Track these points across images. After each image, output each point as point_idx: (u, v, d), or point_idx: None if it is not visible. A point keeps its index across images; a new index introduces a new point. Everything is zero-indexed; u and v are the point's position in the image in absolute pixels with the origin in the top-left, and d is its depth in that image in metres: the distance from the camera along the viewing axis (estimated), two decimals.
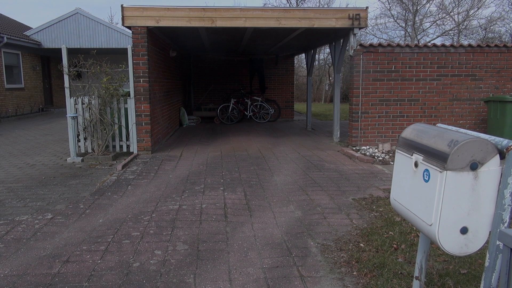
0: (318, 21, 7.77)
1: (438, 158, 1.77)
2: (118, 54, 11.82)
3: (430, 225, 1.81)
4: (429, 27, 30.96)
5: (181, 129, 11.84)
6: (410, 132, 2.11)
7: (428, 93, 8.16)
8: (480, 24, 26.59)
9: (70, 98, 7.11)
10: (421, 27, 27.51)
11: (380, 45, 8.00)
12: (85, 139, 7.32)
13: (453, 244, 1.77)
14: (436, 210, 1.77)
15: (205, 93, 15.00)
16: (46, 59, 18.91)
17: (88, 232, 3.73)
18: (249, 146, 8.61)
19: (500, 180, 1.70)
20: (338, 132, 9.25)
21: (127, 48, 7.53)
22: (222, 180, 5.62)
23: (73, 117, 7.05)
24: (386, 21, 42.97)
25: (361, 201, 4.63)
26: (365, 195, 4.89)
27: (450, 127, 2.08)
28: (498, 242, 1.68)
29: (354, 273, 2.89)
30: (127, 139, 7.62)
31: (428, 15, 27.74)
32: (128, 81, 7.53)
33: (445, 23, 27.34)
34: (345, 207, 4.41)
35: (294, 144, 8.91)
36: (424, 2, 26.27)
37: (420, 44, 8.17)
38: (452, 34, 27.05)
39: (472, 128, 8.17)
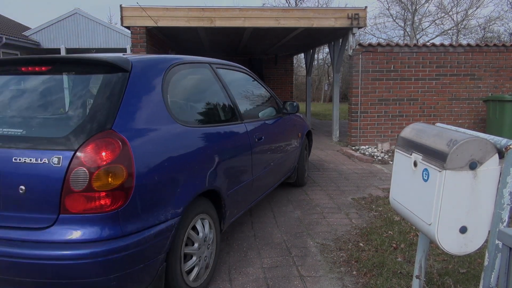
0: (317, 20, 7.78)
1: (437, 157, 1.77)
2: None
3: (430, 224, 1.81)
4: (428, 26, 31.04)
5: None
6: (409, 131, 2.11)
7: (427, 92, 8.17)
8: (479, 23, 26.64)
9: None
10: (420, 27, 27.55)
11: (379, 44, 8.01)
12: None
13: (452, 243, 1.77)
14: (435, 209, 1.77)
15: None
16: None
17: None
18: None
19: (499, 180, 1.70)
20: (338, 132, 9.25)
21: (126, 48, 7.53)
22: None
23: None
24: (385, 20, 43.07)
25: (360, 200, 4.64)
26: (365, 194, 4.90)
27: (449, 126, 2.08)
28: (497, 241, 1.68)
29: (354, 273, 2.89)
30: None
31: (427, 14, 27.81)
32: None
33: (444, 23, 27.45)
34: (344, 207, 4.42)
35: None
36: (423, 1, 26.31)
37: (419, 43, 8.17)
38: (451, 34, 27.10)
39: (471, 128, 8.18)
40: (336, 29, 8.29)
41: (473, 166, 1.70)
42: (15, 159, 1.94)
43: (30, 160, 1.93)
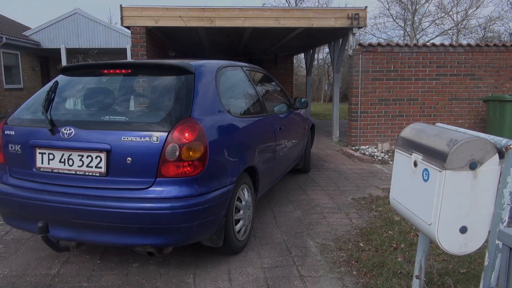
0: (317, 20, 7.78)
1: (437, 157, 1.77)
2: (117, 54, 11.80)
3: (430, 224, 1.81)
4: (428, 26, 31.02)
5: None
6: (409, 131, 2.11)
7: (427, 92, 8.16)
8: (479, 23, 26.63)
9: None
10: (420, 27, 27.54)
11: (379, 44, 8.01)
12: None
13: (452, 243, 1.77)
14: (435, 209, 1.77)
15: None
16: (45, 59, 18.89)
17: None
18: None
19: (499, 180, 1.70)
20: (338, 132, 9.25)
21: (126, 48, 7.52)
22: None
23: None
24: (385, 20, 43.07)
25: (360, 200, 4.63)
26: (365, 194, 4.90)
27: (449, 126, 2.08)
28: (497, 241, 1.68)
29: (354, 273, 2.89)
30: None
31: (427, 14, 27.82)
32: None
33: (444, 23, 27.45)
34: (344, 207, 4.42)
35: None
36: (423, 1, 26.31)
37: (419, 43, 8.17)
38: (451, 34, 27.09)
39: (471, 128, 8.18)
40: (336, 29, 8.29)
41: (473, 166, 1.70)
42: (123, 138, 2.62)
43: (135, 138, 2.60)
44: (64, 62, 7.19)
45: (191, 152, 2.60)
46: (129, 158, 2.60)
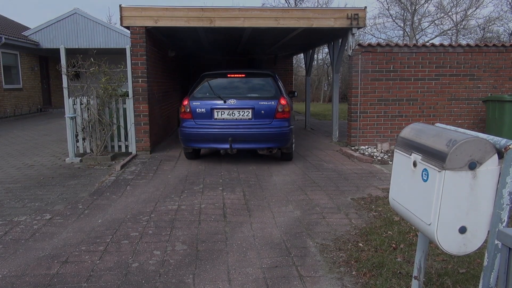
0: (316, 21, 7.77)
1: (437, 157, 1.77)
2: (116, 54, 11.76)
3: (429, 224, 1.81)
4: (428, 27, 31.01)
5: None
6: (409, 131, 2.11)
7: (427, 92, 8.17)
8: (478, 23, 26.65)
9: (69, 98, 7.09)
10: (419, 27, 27.57)
11: (378, 45, 8.01)
12: (83, 139, 7.30)
13: (451, 243, 1.77)
14: (434, 209, 1.77)
15: None
16: (45, 59, 18.88)
17: (87, 232, 3.72)
18: None
19: (499, 180, 1.70)
20: (337, 132, 9.25)
21: (125, 48, 7.52)
22: (221, 180, 5.62)
23: (71, 117, 7.04)
24: (384, 20, 43.09)
25: (360, 200, 4.64)
26: (364, 194, 4.90)
27: (448, 126, 2.08)
28: (496, 242, 1.68)
29: (353, 273, 2.90)
30: (126, 139, 7.60)
31: (427, 15, 27.81)
32: (127, 81, 7.52)
33: (444, 23, 27.40)
34: (344, 207, 4.42)
35: None
36: (423, 2, 26.32)
37: (419, 44, 8.17)
38: (450, 34, 27.12)
39: (471, 128, 8.18)
40: (336, 29, 8.29)
41: (472, 166, 1.71)
42: (259, 103, 6.47)
43: (265, 103, 6.47)
44: (63, 62, 7.17)
45: (285, 108, 6.37)
46: (263, 111, 6.31)
